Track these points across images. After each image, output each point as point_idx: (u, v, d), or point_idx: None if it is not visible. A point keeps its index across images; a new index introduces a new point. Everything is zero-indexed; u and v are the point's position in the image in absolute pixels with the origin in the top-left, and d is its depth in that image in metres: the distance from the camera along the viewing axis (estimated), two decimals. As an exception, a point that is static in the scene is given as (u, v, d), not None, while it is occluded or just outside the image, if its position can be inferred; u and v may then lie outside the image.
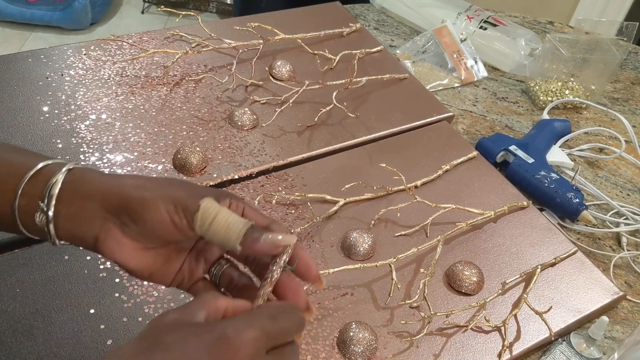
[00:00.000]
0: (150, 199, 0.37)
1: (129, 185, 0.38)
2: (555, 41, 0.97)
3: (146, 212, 0.37)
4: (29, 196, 0.38)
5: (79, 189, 0.38)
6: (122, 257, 0.38)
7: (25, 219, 0.38)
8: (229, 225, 0.36)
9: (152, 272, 0.40)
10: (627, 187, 0.83)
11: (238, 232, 0.36)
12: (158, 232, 0.37)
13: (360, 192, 0.68)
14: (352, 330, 0.54)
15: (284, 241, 0.37)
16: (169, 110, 0.75)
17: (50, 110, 0.71)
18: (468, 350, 0.56)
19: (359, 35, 0.94)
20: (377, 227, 0.66)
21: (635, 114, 0.98)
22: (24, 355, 0.49)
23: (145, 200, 0.37)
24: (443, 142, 0.78)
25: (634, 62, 1.11)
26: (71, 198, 0.38)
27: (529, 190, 0.76)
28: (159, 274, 0.40)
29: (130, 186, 0.38)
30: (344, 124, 0.77)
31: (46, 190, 0.37)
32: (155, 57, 0.81)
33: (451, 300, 0.60)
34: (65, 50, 0.80)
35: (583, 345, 0.58)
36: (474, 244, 0.66)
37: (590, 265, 0.66)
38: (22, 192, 0.38)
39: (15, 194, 0.38)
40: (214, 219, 0.36)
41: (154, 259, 0.39)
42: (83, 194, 0.38)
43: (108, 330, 0.52)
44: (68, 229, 0.38)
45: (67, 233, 0.38)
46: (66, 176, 0.38)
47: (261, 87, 0.80)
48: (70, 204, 0.38)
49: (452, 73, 0.97)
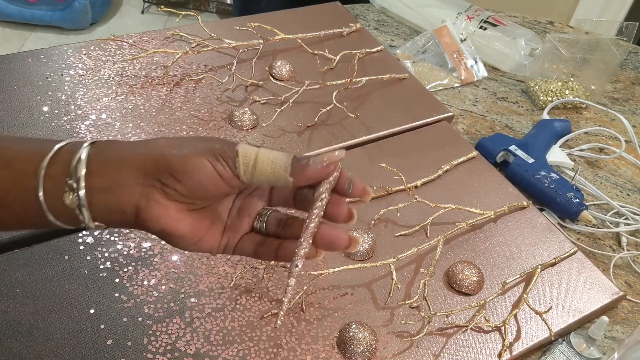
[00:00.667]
0: (192, 154, 0.35)
1: (163, 145, 0.36)
2: (555, 41, 0.97)
3: (190, 167, 0.35)
4: (53, 177, 0.34)
5: (109, 158, 0.36)
6: (170, 223, 0.36)
7: (53, 204, 0.35)
8: (273, 161, 0.35)
9: (201, 236, 0.38)
10: (627, 187, 0.83)
11: (285, 164, 0.35)
12: (204, 187, 0.36)
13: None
14: (352, 330, 0.54)
15: (334, 157, 0.36)
16: (169, 110, 0.75)
17: (50, 110, 0.71)
18: (468, 350, 0.56)
19: (359, 35, 0.94)
20: (377, 227, 0.66)
21: (635, 114, 0.98)
22: (24, 355, 0.49)
23: (187, 156, 0.35)
24: (443, 142, 0.78)
25: (634, 62, 1.11)
26: (102, 169, 0.35)
27: (529, 190, 0.76)
28: (207, 238, 0.39)
29: (165, 146, 0.36)
30: (344, 124, 0.77)
31: (72, 165, 0.34)
32: (155, 57, 0.81)
33: (451, 300, 0.60)
34: (65, 50, 0.80)
35: (583, 345, 0.58)
36: (474, 244, 0.66)
37: (590, 265, 0.66)
38: (45, 174, 0.34)
39: (37, 178, 0.34)
40: (255, 160, 0.35)
41: (201, 221, 0.38)
42: (115, 162, 0.35)
43: (108, 330, 0.52)
44: (103, 204, 0.35)
45: (102, 209, 0.35)
46: (91, 149, 0.35)
47: (261, 87, 0.80)
48: (102, 175, 0.35)
49: (452, 73, 0.97)
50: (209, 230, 0.39)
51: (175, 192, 0.35)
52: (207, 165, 0.35)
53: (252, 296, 0.56)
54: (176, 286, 0.56)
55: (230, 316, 0.54)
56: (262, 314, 0.55)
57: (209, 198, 0.37)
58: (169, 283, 0.56)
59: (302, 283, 0.56)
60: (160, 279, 0.56)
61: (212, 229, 0.39)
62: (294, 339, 0.54)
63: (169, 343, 0.52)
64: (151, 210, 0.35)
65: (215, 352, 0.52)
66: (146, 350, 0.51)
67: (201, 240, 0.38)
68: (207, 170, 0.35)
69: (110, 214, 0.36)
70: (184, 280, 0.57)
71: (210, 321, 0.54)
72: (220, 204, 0.39)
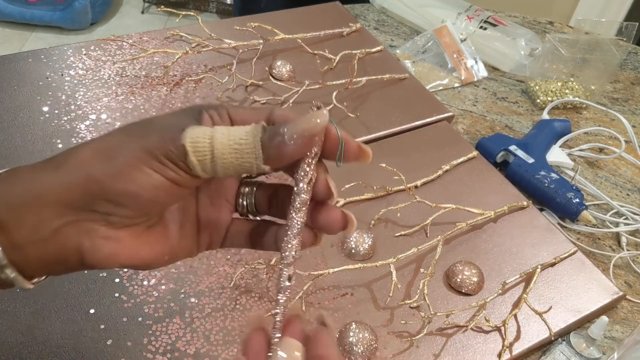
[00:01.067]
0: (128, 166, 0.27)
1: (87, 161, 0.27)
2: (555, 41, 0.97)
3: (131, 186, 0.27)
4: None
5: (17, 198, 0.27)
6: (129, 255, 0.29)
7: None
8: (236, 149, 0.27)
9: (172, 251, 0.31)
10: (627, 187, 0.83)
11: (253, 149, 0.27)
12: (157, 201, 0.28)
13: (360, 192, 0.68)
14: (352, 330, 0.54)
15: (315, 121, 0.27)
16: (169, 110, 0.75)
17: (50, 110, 0.71)
18: (468, 350, 0.56)
19: (359, 35, 0.94)
20: (377, 227, 0.66)
21: (635, 114, 0.98)
22: (24, 355, 0.49)
23: (120, 172, 0.26)
24: (443, 142, 0.78)
25: (634, 62, 1.11)
26: (12, 217, 0.26)
27: (529, 190, 0.76)
28: (180, 247, 0.31)
29: (90, 161, 0.27)
30: (344, 124, 0.77)
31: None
32: (155, 57, 0.81)
33: (451, 300, 0.60)
34: (65, 50, 0.80)
35: (583, 345, 0.58)
36: (474, 244, 0.66)
37: (590, 265, 0.66)
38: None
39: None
40: (212, 153, 0.27)
41: (166, 234, 0.30)
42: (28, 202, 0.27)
43: (108, 330, 0.52)
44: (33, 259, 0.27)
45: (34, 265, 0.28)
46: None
47: (261, 87, 0.80)
48: (16, 226, 0.26)
49: (452, 73, 0.97)
50: (180, 239, 0.31)
51: (121, 218, 0.28)
52: (153, 177, 0.27)
53: (252, 296, 0.56)
54: (176, 286, 0.56)
55: (230, 316, 0.54)
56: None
57: (168, 206, 0.30)
58: (169, 283, 0.56)
59: (302, 283, 0.56)
60: (160, 279, 0.56)
61: (182, 234, 0.32)
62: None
63: (169, 343, 0.52)
64: (99, 251, 0.28)
65: (215, 352, 0.52)
66: (146, 350, 0.51)
67: (174, 255, 0.31)
68: (155, 182, 0.27)
69: (48, 267, 0.28)
70: (184, 280, 0.57)
71: (210, 321, 0.54)
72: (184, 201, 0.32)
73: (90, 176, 0.27)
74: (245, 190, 0.33)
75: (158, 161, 0.27)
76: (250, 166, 0.27)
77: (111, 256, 0.28)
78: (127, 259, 0.29)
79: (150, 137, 0.27)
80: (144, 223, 0.29)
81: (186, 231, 0.32)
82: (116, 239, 0.28)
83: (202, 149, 0.27)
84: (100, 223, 0.27)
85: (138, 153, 0.27)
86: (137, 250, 0.29)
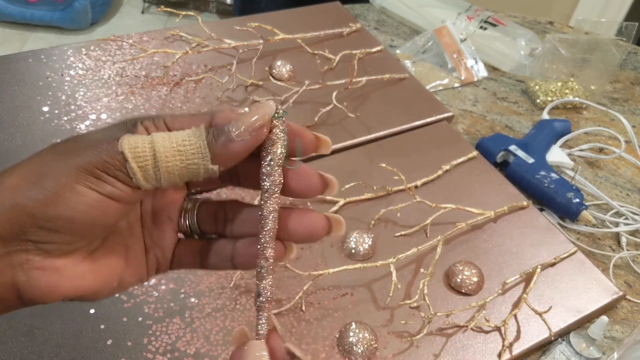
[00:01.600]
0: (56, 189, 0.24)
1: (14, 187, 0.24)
2: (555, 41, 0.97)
3: (64, 209, 0.24)
4: None
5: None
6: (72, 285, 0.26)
7: None
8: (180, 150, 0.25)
9: (120, 277, 0.28)
10: (627, 187, 0.83)
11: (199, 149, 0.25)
12: (96, 222, 0.25)
13: (360, 192, 0.68)
14: (352, 330, 0.54)
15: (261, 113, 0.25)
16: (169, 110, 0.75)
17: (50, 110, 0.71)
18: (468, 350, 0.56)
19: (359, 35, 0.94)
20: (377, 227, 0.66)
21: (635, 114, 0.98)
22: (24, 355, 0.49)
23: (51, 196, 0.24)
24: (443, 142, 0.78)
25: (634, 62, 1.11)
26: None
27: (529, 190, 0.76)
28: (129, 272, 0.29)
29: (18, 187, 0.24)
30: (344, 124, 0.77)
31: None
32: (155, 57, 0.81)
33: (451, 300, 0.60)
34: (65, 50, 0.80)
35: (583, 345, 0.58)
36: (474, 244, 0.66)
37: (590, 265, 0.66)
38: None
39: None
40: (154, 154, 0.25)
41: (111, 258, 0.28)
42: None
43: (108, 330, 0.52)
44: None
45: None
46: None
47: (261, 87, 0.80)
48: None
49: (452, 73, 0.97)
50: (127, 263, 0.29)
51: (57, 245, 0.25)
52: (88, 195, 0.24)
53: (252, 296, 0.56)
54: (176, 286, 0.56)
55: (230, 316, 0.55)
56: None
57: (109, 228, 0.27)
58: (169, 283, 0.56)
59: (302, 283, 0.56)
60: (160, 279, 0.56)
61: (129, 258, 0.29)
62: (294, 339, 0.54)
63: (169, 343, 0.52)
64: (36, 284, 0.25)
65: (215, 352, 0.52)
66: (146, 350, 0.51)
67: (123, 281, 0.29)
68: (91, 201, 0.24)
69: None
70: (183, 280, 0.57)
71: (210, 321, 0.54)
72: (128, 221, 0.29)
73: (18, 205, 0.24)
74: (188, 206, 0.30)
75: (93, 176, 0.24)
76: (197, 168, 0.25)
77: (51, 288, 0.25)
78: (69, 290, 0.26)
79: (83, 153, 0.25)
80: (85, 248, 0.26)
81: (134, 254, 0.29)
82: (54, 268, 0.25)
83: (142, 153, 0.25)
84: (35, 253, 0.25)
85: (69, 171, 0.24)
86: (81, 279, 0.26)
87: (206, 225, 0.31)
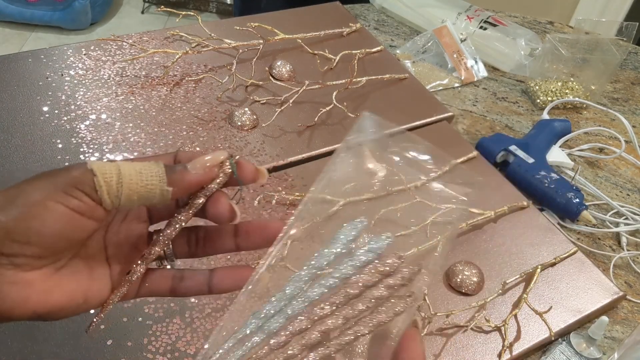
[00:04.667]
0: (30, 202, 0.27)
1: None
2: (555, 41, 0.97)
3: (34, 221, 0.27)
4: None
5: None
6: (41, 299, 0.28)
7: None
8: (141, 172, 0.29)
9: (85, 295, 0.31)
10: (627, 187, 0.83)
11: (157, 173, 0.29)
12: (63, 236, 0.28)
13: (360, 192, 0.68)
14: (352, 330, 0.54)
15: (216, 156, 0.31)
16: (169, 110, 0.75)
17: (50, 110, 0.71)
18: (468, 350, 0.56)
19: (359, 35, 0.94)
20: (377, 227, 0.66)
21: (635, 114, 0.98)
22: (25, 355, 0.49)
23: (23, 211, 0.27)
24: (443, 142, 0.78)
25: (634, 62, 1.11)
26: None
27: (529, 190, 0.76)
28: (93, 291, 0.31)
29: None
30: (344, 124, 0.77)
31: None
32: (155, 57, 0.81)
33: (451, 300, 0.60)
34: (65, 50, 0.80)
35: (583, 345, 0.58)
36: (474, 244, 0.66)
37: (590, 265, 0.66)
38: None
39: None
40: (119, 175, 0.28)
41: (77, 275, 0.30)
42: None
43: (108, 330, 0.52)
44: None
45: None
46: None
47: (261, 87, 0.80)
48: None
49: (452, 73, 0.97)
50: (93, 281, 0.31)
51: (29, 259, 0.27)
52: (57, 208, 0.27)
53: (252, 296, 0.56)
54: (176, 286, 0.56)
55: (230, 316, 0.54)
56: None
57: (74, 245, 0.30)
58: (169, 283, 0.56)
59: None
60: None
61: (94, 278, 0.31)
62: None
63: (169, 343, 0.52)
64: (9, 298, 0.27)
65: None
66: (146, 350, 0.51)
67: (88, 300, 0.31)
68: (58, 215, 0.27)
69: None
70: (184, 280, 0.56)
71: (210, 321, 0.54)
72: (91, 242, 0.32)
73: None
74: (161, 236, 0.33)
75: (63, 192, 0.27)
76: (154, 189, 0.29)
77: (21, 302, 0.27)
78: (38, 303, 0.28)
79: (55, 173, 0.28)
80: (52, 265, 0.29)
81: (99, 273, 0.32)
82: (25, 282, 0.27)
83: (108, 172, 0.28)
84: (7, 267, 0.27)
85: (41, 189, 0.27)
86: (48, 294, 0.29)
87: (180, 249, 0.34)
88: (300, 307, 0.33)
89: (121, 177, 0.28)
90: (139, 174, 0.29)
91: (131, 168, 0.29)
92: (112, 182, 0.28)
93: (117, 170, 0.28)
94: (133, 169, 0.29)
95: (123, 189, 0.28)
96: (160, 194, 0.29)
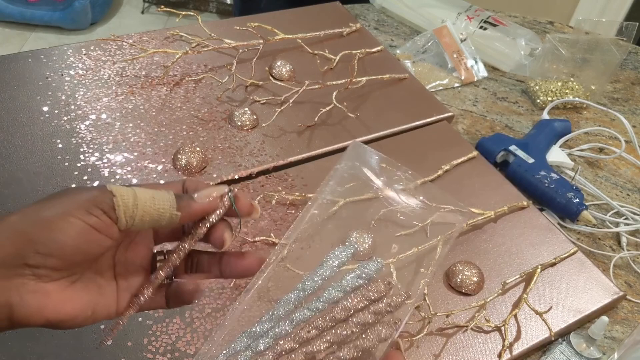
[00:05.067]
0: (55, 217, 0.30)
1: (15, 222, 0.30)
2: (555, 41, 0.97)
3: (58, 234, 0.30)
4: None
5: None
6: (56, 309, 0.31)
7: None
8: (154, 197, 0.32)
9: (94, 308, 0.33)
10: (627, 187, 0.83)
11: (168, 199, 0.33)
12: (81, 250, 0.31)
13: (360, 192, 0.68)
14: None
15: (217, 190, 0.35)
16: (169, 110, 0.75)
17: (50, 110, 0.71)
18: (468, 350, 0.56)
19: (359, 35, 0.94)
20: (377, 227, 0.66)
21: (635, 114, 0.98)
22: (25, 356, 0.49)
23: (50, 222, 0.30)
24: (443, 142, 0.78)
25: (634, 62, 1.11)
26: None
27: (529, 190, 0.76)
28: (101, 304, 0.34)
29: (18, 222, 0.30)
30: (344, 124, 0.77)
31: None
32: (155, 57, 0.81)
33: (451, 300, 0.60)
34: (65, 50, 0.80)
35: (583, 345, 0.58)
36: (474, 244, 0.66)
37: (590, 265, 0.66)
38: None
39: None
40: (135, 198, 0.32)
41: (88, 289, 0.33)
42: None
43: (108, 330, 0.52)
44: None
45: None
46: None
47: (261, 87, 0.80)
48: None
49: (452, 73, 0.97)
50: (101, 296, 0.34)
51: (49, 270, 0.30)
52: (78, 224, 0.30)
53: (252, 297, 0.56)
54: (176, 286, 0.56)
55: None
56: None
57: (88, 260, 0.33)
58: (169, 283, 0.56)
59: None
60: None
61: (102, 293, 0.34)
62: (294, 339, 0.54)
63: (169, 343, 0.52)
64: (29, 305, 0.29)
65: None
66: (146, 350, 0.51)
67: (96, 312, 0.34)
68: (78, 230, 0.30)
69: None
70: (184, 280, 0.57)
71: (210, 321, 0.54)
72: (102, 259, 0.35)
73: (19, 231, 0.29)
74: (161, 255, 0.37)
75: (84, 209, 0.31)
76: (164, 212, 0.32)
77: (38, 310, 0.30)
78: (53, 313, 0.31)
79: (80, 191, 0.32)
80: (68, 278, 0.32)
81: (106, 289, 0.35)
82: (44, 292, 0.30)
83: (126, 194, 0.32)
84: (30, 277, 0.30)
85: (66, 204, 0.31)
86: (63, 304, 0.31)
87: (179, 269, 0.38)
88: (287, 329, 0.35)
89: (137, 200, 0.32)
90: (153, 198, 0.32)
91: (146, 193, 0.32)
92: (129, 203, 0.31)
93: (133, 194, 0.32)
94: (147, 194, 0.32)
95: (138, 210, 0.32)
96: (169, 217, 0.33)
